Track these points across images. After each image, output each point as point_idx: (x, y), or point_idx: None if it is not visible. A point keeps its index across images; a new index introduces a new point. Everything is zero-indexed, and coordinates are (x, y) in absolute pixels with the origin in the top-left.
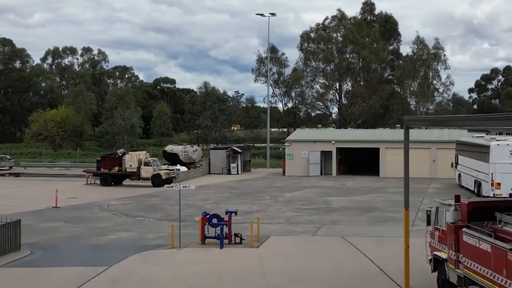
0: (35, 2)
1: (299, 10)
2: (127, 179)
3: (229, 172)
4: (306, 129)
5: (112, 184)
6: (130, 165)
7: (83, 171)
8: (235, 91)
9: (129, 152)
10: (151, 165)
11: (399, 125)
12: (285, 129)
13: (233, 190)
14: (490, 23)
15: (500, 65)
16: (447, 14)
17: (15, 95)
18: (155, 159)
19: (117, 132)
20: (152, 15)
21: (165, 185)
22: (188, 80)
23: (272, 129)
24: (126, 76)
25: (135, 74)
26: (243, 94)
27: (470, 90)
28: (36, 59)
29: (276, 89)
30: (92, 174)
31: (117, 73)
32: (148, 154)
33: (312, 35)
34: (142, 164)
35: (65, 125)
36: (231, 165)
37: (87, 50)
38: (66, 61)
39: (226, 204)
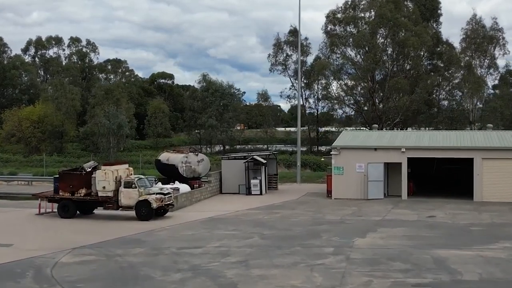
0: (33, 0)
1: (297, 8)
2: (99, 207)
3: (249, 192)
4: (355, 130)
5: (75, 215)
6: (104, 187)
7: (34, 194)
8: (236, 89)
9: (102, 167)
10: (136, 187)
11: (491, 125)
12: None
13: (264, 229)
14: None
15: None
16: None
17: None
18: (142, 177)
19: (102, 133)
20: (151, 13)
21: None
22: (187, 79)
23: (279, 128)
24: (120, 70)
25: (130, 69)
26: (244, 92)
27: None
28: (16, 50)
29: (292, 82)
30: (46, 199)
31: (109, 67)
32: (130, 169)
33: (339, 15)
34: (121, 185)
35: (43, 125)
36: (252, 181)
37: (74, 40)
38: (51, 52)
39: (262, 268)
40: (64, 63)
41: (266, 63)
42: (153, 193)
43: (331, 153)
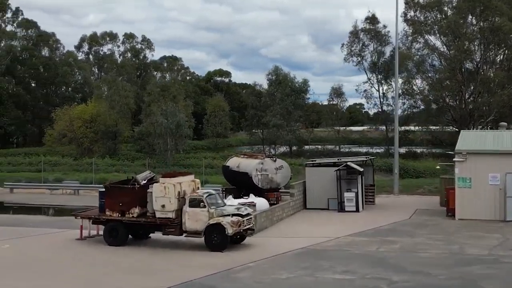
0: (89, 3)
1: (350, 6)
2: (157, 232)
3: (341, 208)
4: (478, 130)
5: (127, 240)
6: (163, 206)
7: (73, 214)
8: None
9: (161, 179)
10: (205, 206)
11: None
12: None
13: (388, 271)
14: None
15: None
16: None
17: (39, 88)
18: (212, 192)
19: (159, 134)
20: (203, 14)
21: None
22: (240, 79)
23: (353, 128)
24: (176, 68)
25: (185, 66)
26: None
27: None
28: (69, 47)
29: (368, 75)
30: (90, 220)
31: (165, 65)
32: (196, 182)
33: (421, 0)
34: (186, 204)
35: (96, 125)
36: (346, 194)
37: (129, 36)
38: (106, 49)
39: None
40: (118, 61)
41: (318, 61)
42: (228, 214)
43: (454, 159)
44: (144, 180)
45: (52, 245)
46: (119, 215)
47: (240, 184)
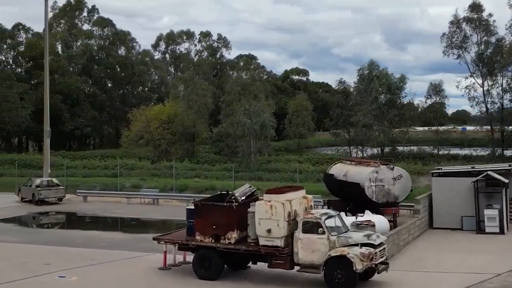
0: (162, 6)
1: (425, 4)
2: (260, 262)
3: (479, 228)
4: None
5: (222, 272)
6: (269, 230)
7: (155, 238)
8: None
9: (266, 196)
10: (323, 232)
11: None
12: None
13: None
14: None
15: None
16: None
17: (115, 88)
18: (332, 213)
19: (240, 135)
20: (274, 15)
21: None
22: (311, 79)
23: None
24: (252, 67)
25: (261, 65)
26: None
27: None
28: (145, 46)
29: (471, 70)
30: (176, 245)
31: (241, 63)
32: (309, 198)
33: None
34: (298, 229)
35: (173, 125)
36: (486, 212)
37: (205, 35)
38: (182, 48)
39: None
40: (194, 60)
41: (391, 60)
42: (356, 244)
43: None
44: (243, 197)
45: (129, 276)
46: (213, 241)
47: (348, 197)
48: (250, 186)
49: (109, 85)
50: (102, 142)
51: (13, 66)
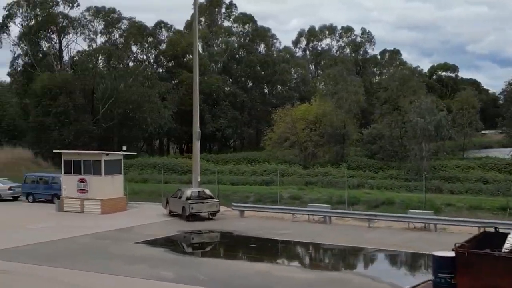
0: (291, 8)
1: None
2: None
3: None
4: None
5: None
6: None
7: None
8: None
9: None
10: None
11: None
12: None
13: None
14: None
15: None
16: None
17: (256, 88)
18: None
19: (410, 136)
20: (404, 12)
21: None
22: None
23: None
24: (397, 63)
25: (404, 61)
26: None
27: None
28: (285, 42)
29: None
30: None
31: (384, 59)
32: None
33: None
34: None
35: (321, 126)
36: None
37: (347, 30)
38: (324, 44)
39: None
40: (336, 55)
41: None
42: None
43: None
44: None
45: None
46: None
47: None
48: None
49: (250, 84)
50: (243, 144)
51: (154, 66)
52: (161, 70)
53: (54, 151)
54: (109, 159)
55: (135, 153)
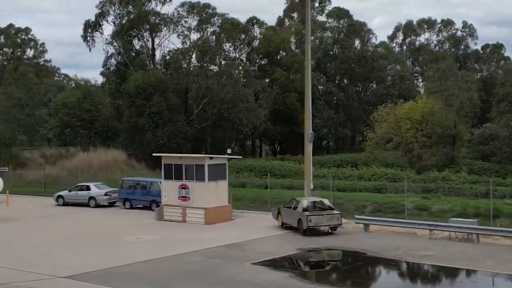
0: (374, 6)
1: None
2: None
3: None
4: None
5: None
6: None
7: None
8: None
9: None
10: None
11: None
12: None
13: None
14: None
15: None
16: None
17: (352, 85)
18: None
19: None
20: (494, 8)
21: None
22: None
23: None
24: (496, 59)
25: (506, 56)
26: None
27: None
28: (381, 37)
29: None
30: None
31: (486, 54)
32: None
33: None
34: None
35: (428, 126)
36: None
37: (446, 24)
38: (423, 39)
39: None
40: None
41: None
42: None
43: None
44: None
45: None
46: None
47: None
48: None
49: (345, 81)
50: (338, 145)
51: (248, 63)
52: (253, 68)
53: (154, 154)
54: (213, 163)
55: (240, 157)
